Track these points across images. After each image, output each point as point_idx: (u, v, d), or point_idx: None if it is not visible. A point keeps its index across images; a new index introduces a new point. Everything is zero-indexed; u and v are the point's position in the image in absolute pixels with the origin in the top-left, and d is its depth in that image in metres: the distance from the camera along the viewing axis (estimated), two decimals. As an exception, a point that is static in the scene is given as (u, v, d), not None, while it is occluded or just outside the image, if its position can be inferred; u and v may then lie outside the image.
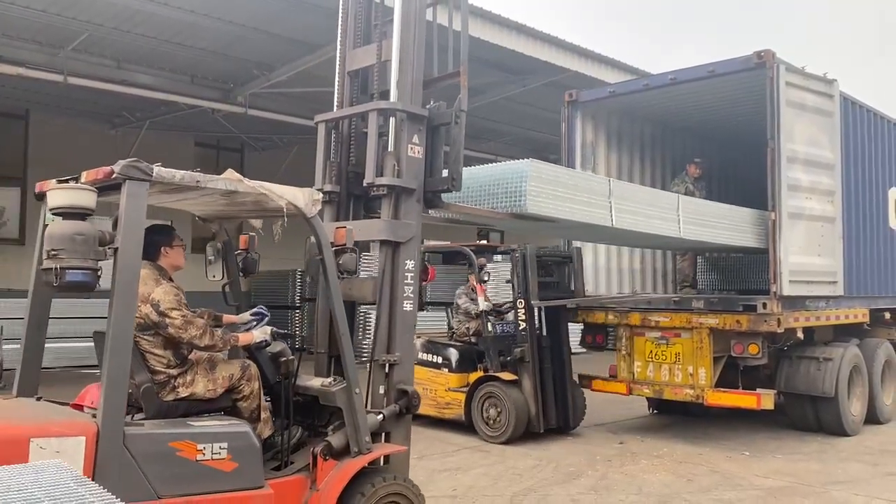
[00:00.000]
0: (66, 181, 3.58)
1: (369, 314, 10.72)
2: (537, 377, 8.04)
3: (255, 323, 4.54)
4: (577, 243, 8.92)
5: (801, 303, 7.85)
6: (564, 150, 9.07)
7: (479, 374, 8.37)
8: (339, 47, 5.17)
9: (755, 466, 7.13)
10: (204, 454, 3.59)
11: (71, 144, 15.36)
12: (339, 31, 5.18)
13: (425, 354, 8.71)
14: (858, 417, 8.60)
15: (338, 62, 5.16)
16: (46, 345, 4.08)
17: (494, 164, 6.31)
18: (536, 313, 8.25)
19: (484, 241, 11.79)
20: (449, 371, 8.60)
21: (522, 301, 8.08)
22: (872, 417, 8.87)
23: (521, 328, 8.08)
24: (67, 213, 3.31)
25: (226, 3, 10.03)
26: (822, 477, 6.74)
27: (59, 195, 3.33)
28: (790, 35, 58.09)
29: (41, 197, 3.79)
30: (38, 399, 3.94)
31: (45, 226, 3.62)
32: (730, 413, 8.71)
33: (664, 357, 8.13)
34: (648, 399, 9.35)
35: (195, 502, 3.51)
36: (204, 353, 4.12)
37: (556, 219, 6.23)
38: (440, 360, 8.69)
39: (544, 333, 8.40)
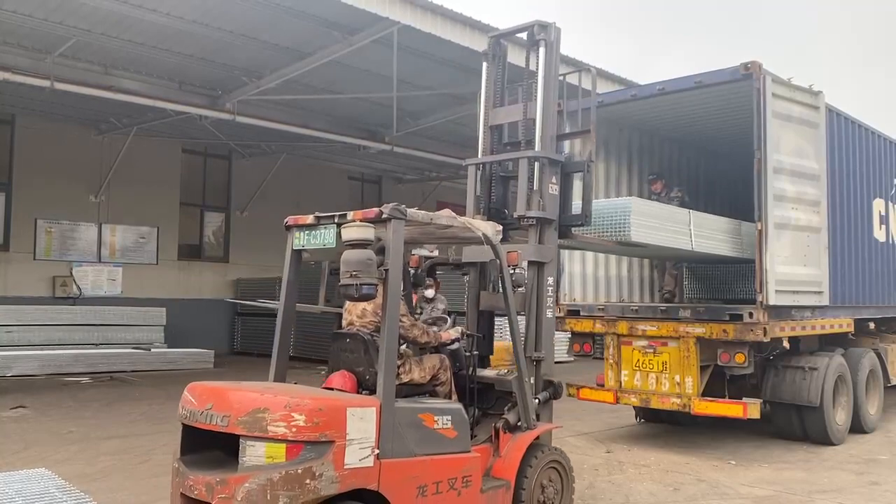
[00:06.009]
0: (328, 218, 4.59)
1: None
2: None
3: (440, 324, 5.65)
4: (563, 253, 8.93)
5: (787, 312, 7.88)
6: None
7: None
8: (482, 107, 6.32)
9: (741, 475, 7.16)
10: (438, 424, 4.57)
11: (57, 150, 15.30)
12: (483, 94, 6.32)
13: None
14: (843, 426, 8.65)
15: (481, 119, 6.30)
16: (29, 352, 4.20)
17: (599, 199, 7.14)
18: None
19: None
20: None
21: None
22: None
23: None
24: (357, 244, 4.29)
25: (214, 9, 10.01)
26: (808, 486, 6.78)
27: (352, 231, 4.33)
28: (778, 45, 58.69)
29: (289, 228, 4.83)
30: (294, 384, 4.73)
31: (295, 251, 4.81)
32: (716, 422, 8.73)
33: (651, 366, 8.14)
34: (635, 408, 9.38)
35: (434, 460, 4.50)
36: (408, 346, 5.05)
37: (650, 245, 7.34)
38: None
39: None
